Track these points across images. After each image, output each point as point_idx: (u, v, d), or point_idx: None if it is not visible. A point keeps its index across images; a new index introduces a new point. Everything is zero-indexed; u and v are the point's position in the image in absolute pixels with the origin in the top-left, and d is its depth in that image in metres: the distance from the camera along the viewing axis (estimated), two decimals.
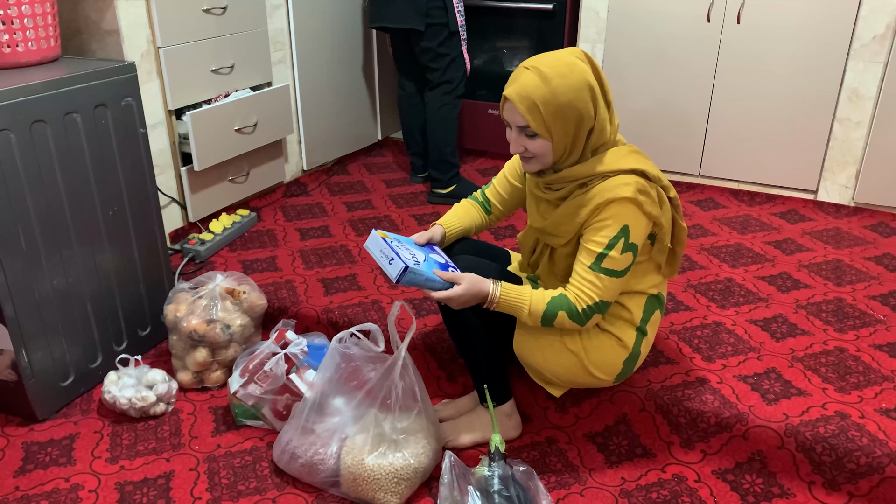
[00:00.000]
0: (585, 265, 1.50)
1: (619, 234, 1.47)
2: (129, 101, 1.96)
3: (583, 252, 1.51)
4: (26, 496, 1.64)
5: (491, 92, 3.43)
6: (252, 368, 1.81)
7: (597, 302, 1.50)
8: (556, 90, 1.42)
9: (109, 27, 2.24)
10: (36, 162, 1.73)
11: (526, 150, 1.50)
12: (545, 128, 1.45)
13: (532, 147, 1.49)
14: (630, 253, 1.48)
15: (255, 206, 2.93)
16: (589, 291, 1.50)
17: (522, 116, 1.45)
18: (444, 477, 1.53)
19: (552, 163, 1.52)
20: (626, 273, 1.50)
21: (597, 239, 1.48)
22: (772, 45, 2.80)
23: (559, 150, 1.49)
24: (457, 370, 1.99)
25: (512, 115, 1.48)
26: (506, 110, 1.49)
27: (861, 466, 1.58)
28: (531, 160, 1.53)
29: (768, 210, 2.88)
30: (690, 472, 1.68)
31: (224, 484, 1.67)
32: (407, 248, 1.58)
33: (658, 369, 1.87)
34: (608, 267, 1.48)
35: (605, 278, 1.49)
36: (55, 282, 1.83)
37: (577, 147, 1.49)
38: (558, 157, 1.50)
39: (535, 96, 1.43)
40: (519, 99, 1.44)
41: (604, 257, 1.48)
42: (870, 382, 1.81)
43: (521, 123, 1.47)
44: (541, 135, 1.46)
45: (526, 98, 1.43)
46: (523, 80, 1.44)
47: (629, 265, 1.50)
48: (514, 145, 1.52)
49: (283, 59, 2.96)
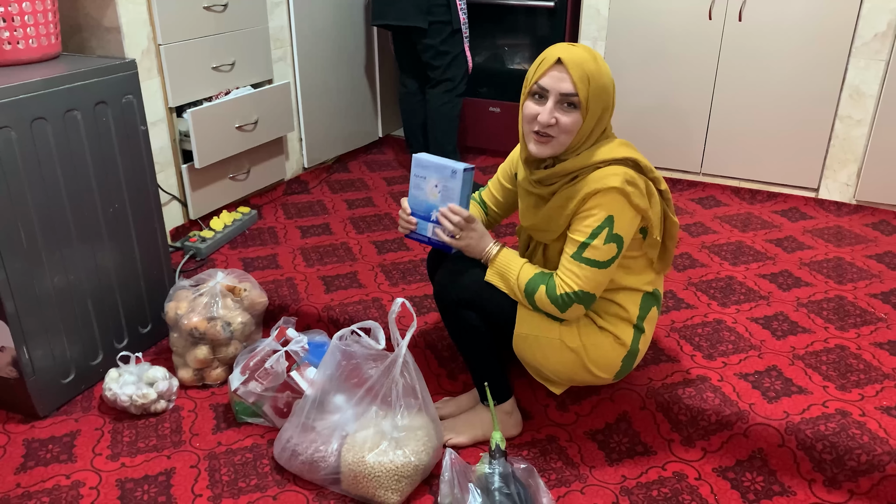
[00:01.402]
0: (568, 254, 1.51)
1: (602, 223, 1.46)
2: (130, 98, 1.95)
3: (568, 241, 1.52)
4: (27, 493, 1.64)
5: (492, 90, 3.43)
6: (253, 366, 1.81)
7: (576, 291, 1.50)
8: (601, 69, 1.45)
9: (110, 24, 2.24)
10: (36, 159, 1.73)
11: (557, 122, 1.46)
12: (587, 102, 1.44)
13: (564, 121, 1.46)
14: (614, 244, 1.47)
15: (255, 203, 2.93)
16: (569, 280, 1.50)
17: (574, 84, 1.43)
18: (445, 474, 1.54)
19: (566, 149, 1.50)
20: (609, 265, 1.49)
21: (581, 228, 1.49)
22: (773, 43, 2.80)
23: (582, 134, 1.48)
24: (457, 368, 1.99)
25: (559, 81, 1.44)
26: (551, 76, 1.45)
27: (861, 464, 1.58)
28: (550, 141, 1.49)
29: (769, 208, 2.87)
30: (691, 470, 1.68)
31: (225, 481, 1.68)
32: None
33: (659, 367, 1.87)
34: (590, 257, 1.48)
35: (587, 268, 1.48)
36: (56, 279, 1.83)
37: (593, 136, 1.50)
38: (576, 142, 1.49)
39: (586, 68, 1.43)
40: (574, 65, 1.43)
41: (586, 247, 1.48)
42: (871, 380, 1.80)
43: (567, 91, 1.43)
44: (579, 109, 1.45)
45: (580, 66, 1.43)
46: (575, 51, 1.44)
47: (613, 257, 1.49)
48: (547, 115, 1.45)
49: (284, 57, 2.96)
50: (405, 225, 1.65)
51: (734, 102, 2.93)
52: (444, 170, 1.59)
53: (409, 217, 1.64)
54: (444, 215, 1.57)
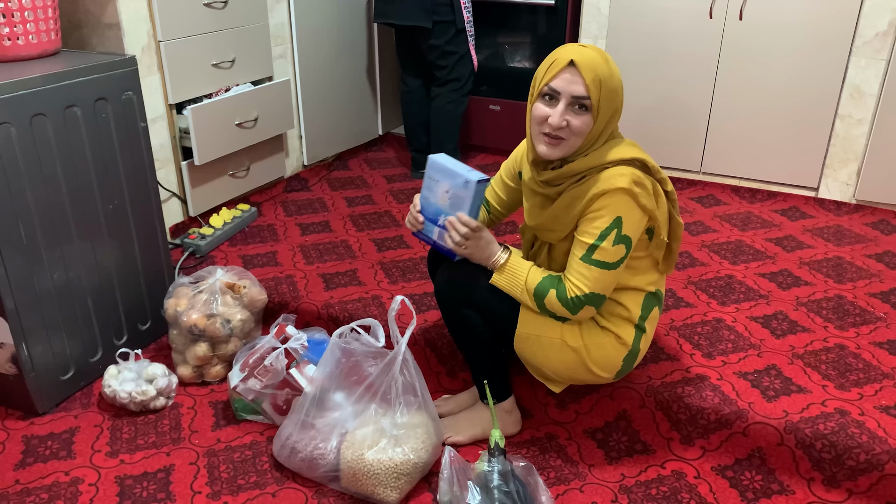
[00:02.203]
0: (577, 256, 1.50)
1: (611, 225, 1.46)
2: (130, 94, 1.95)
3: (576, 243, 1.51)
4: (26, 489, 1.64)
5: (493, 88, 3.43)
6: (252, 363, 1.81)
7: (587, 294, 1.50)
8: (612, 72, 1.45)
9: (110, 21, 2.24)
10: (36, 156, 1.73)
11: (568, 125, 1.45)
12: (598, 105, 1.44)
13: (575, 124, 1.45)
14: (622, 245, 1.47)
15: (255, 200, 2.92)
16: (579, 283, 1.50)
17: (586, 86, 1.42)
18: (444, 472, 1.54)
19: (575, 151, 1.49)
20: (618, 266, 1.49)
21: (589, 230, 1.48)
22: (774, 42, 2.80)
23: (592, 136, 1.47)
24: (457, 366, 1.99)
25: (571, 83, 1.43)
26: (563, 78, 1.43)
27: (860, 463, 1.58)
28: (561, 143, 1.48)
29: (769, 207, 2.87)
30: (690, 469, 1.68)
31: (224, 478, 1.68)
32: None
33: (658, 366, 1.87)
34: (599, 259, 1.48)
35: (596, 270, 1.48)
36: (55, 276, 1.83)
37: (602, 137, 1.49)
38: (586, 144, 1.48)
39: (599, 71, 1.42)
40: (587, 68, 1.42)
41: (595, 249, 1.48)
42: (870, 380, 1.80)
43: (579, 93, 1.43)
44: (591, 111, 1.44)
45: (592, 69, 1.42)
46: (587, 54, 1.43)
47: (621, 258, 1.49)
48: (558, 118, 1.44)
49: (284, 54, 2.95)
50: (413, 222, 1.64)
51: (734, 101, 2.93)
52: (458, 178, 1.53)
53: (418, 215, 1.62)
54: (452, 224, 1.55)
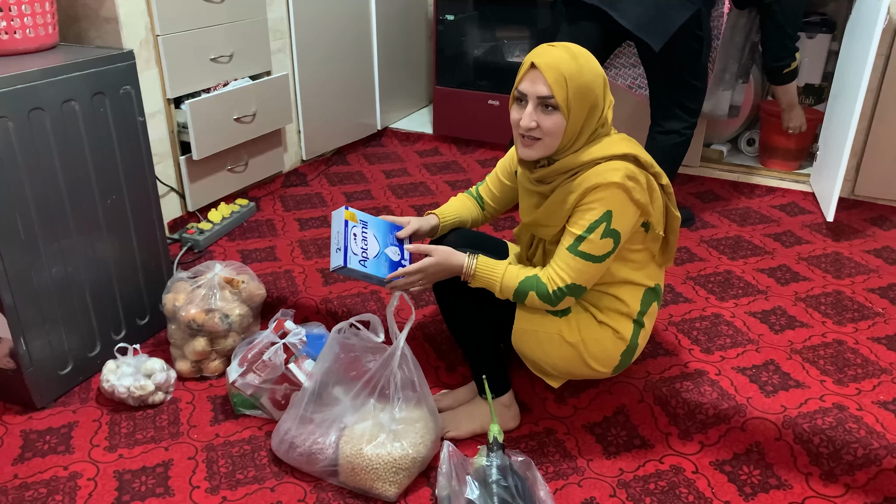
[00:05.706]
0: (564, 246, 1.51)
1: (601, 218, 1.46)
2: (128, 89, 1.95)
3: (565, 234, 1.52)
4: (25, 484, 1.64)
5: (491, 83, 3.42)
6: (251, 358, 1.81)
7: (568, 284, 1.50)
8: (582, 68, 1.43)
9: (108, 14, 2.23)
10: (34, 150, 1.72)
11: (538, 126, 1.46)
12: (566, 104, 1.43)
13: (546, 124, 1.45)
14: (610, 239, 1.47)
15: (253, 195, 2.92)
16: (562, 273, 1.50)
17: (548, 86, 1.42)
18: (443, 467, 1.54)
19: (555, 150, 1.50)
20: (603, 260, 1.49)
21: (579, 222, 1.48)
22: None
23: (569, 134, 1.47)
24: (456, 360, 1.99)
25: (534, 85, 1.44)
26: (527, 80, 1.45)
27: (858, 458, 1.58)
28: (536, 144, 1.49)
29: (768, 202, 2.87)
30: (688, 463, 1.68)
31: (222, 473, 1.68)
32: (365, 237, 1.59)
33: (657, 361, 1.87)
34: (585, 251, 1.48)
35: (581, 261, 1.48)
36: (54, 270, 1.82)
37: (584, 135, 1.48)
38: (565, 142, 1.48)
39: (563, 69, 1.42)
40: (548, 68, 1.42)
41: (582, 240, 1.48)
42: (868, 375, 1.81)
43: (543, 94, 1.43)
44: (560, 110, 1.44)
45: (555, 69, 1.42)
46: (553, 53, 1.44)
47: (608, 252, 1.49)
48: (527, 119, 1.46)
49: (283, 48, 2.95)
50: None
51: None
52: (332, 257, 1.55)
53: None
54: (394, 286, 1.58)
